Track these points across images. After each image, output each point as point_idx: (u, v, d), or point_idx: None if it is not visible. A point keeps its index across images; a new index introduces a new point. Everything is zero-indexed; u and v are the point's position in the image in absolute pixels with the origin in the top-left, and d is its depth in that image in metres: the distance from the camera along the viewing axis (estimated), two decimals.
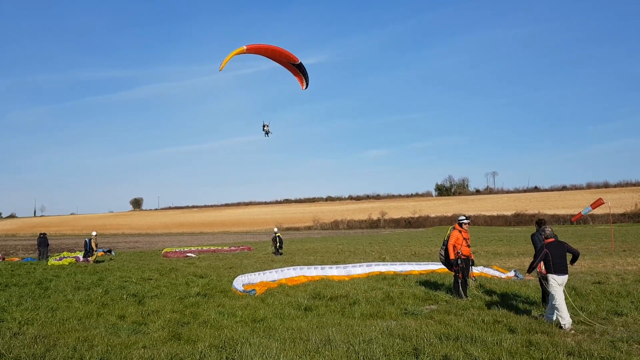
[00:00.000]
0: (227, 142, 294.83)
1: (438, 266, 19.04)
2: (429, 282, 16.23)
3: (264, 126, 21.55)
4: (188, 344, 8.86)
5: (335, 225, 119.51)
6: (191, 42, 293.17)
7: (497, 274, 18.10)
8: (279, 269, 18.13)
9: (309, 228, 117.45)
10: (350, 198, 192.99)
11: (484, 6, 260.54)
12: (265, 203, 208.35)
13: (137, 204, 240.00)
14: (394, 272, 19.07)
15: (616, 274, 18.01)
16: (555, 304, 9.84)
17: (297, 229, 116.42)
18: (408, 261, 23.47)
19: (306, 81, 19.70)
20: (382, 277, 18.02)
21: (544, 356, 7.49)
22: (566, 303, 10.00)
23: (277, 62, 18.88)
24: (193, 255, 32.44)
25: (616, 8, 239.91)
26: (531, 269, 10.54)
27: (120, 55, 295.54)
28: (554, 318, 9.90)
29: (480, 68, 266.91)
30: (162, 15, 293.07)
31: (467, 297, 13.16)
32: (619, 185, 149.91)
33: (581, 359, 7.31)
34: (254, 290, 14.59)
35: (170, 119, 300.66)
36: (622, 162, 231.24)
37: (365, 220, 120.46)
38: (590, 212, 39.89)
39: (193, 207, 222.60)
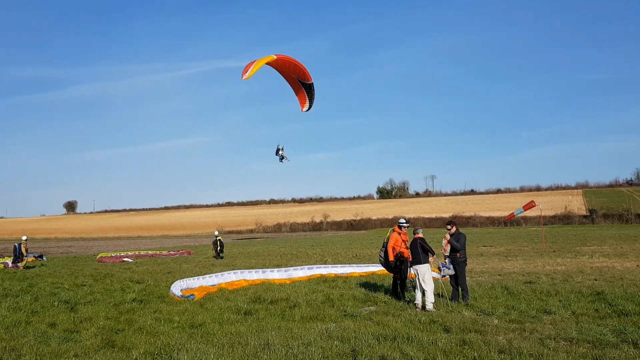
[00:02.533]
0: (167, 144, 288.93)
1: (378, 268, 19.28)
2: (369, 284, 16.43)
3: (277, 150, 20.45)
4: (122, 351, 8.59)
5: (278, 228, 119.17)
6: (129, 41, 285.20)
7: (434, 275, 18.49)
8: (219, 273, 17.88)
9: (251, 231, 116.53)
10: (294, 201, 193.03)
11: (427, 15, 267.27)
12: (207, 206, 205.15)
13: (71, 207, 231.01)
14: (335, 274, 19.20)
15: (546, 273, 18.83)
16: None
17: (239, 232, 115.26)
18: (349, 263, 23.69)
19: (310, 103, 18.16)
20: (323, 279, 18.11)
21: (476, 354, 7.72)
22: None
23: (286, 77, 17.61)
24: (130, 260, 31.50)
25: (550, 20, 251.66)
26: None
27: (54, 53, 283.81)
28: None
29: (421, 75, 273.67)
30: (98, 11, 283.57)
31: (405, 298, 13.42)
32: (550, 188, 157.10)
33: (511, 357, 7.57)
34: (192, 295, 14.32)
35: (106, 119, 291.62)
36: (554, 167, 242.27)
37: (308, 223, 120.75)
38: (523, 214, 41.62)
39: (130, 210, 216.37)
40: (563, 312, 11.09)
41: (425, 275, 12.18)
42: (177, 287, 15.28)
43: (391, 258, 13.59)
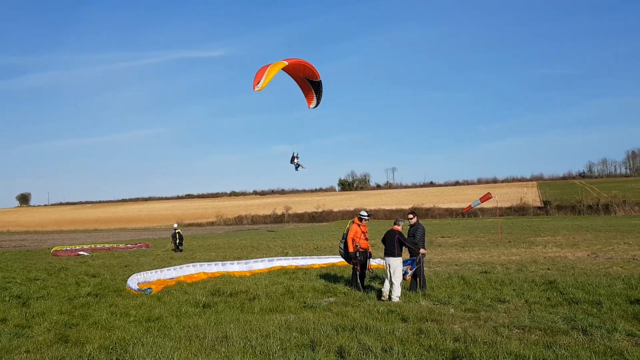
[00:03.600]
0: (125, 135, 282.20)
1: (338, 259, 19.40)
2: (329, 275, 16.52)
3: (293, 158, 19.84)
4: (76, 346, 8.39)
5: (239, 220, 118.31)
6: (83, 29, 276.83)
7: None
8: (178, 267, 17.65)
9: (211, 224, 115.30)
10: (255, 193, 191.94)
11: (389, 6, 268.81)
12: (166, 198, 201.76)
13: (24, 199, 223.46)
14: (296, 266, 19.23)
15: (501, 263, 19.31)
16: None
17: (199, 224, 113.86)
18: (310, 255, 23.75)
19: (317, 101, 18.04)
20: (283, 271, 18.11)
21: (432, 343, 7.86)
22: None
23: (295, 77, 17.30)
24: (86, 254, 30.73)
25: (507, 15, 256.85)
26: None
27: (5, 42, 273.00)
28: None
29: (383, 67, 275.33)
30: None
31: (364, 288, 13.54)
32: (506, 180, 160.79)
33: (466, 345, 7.73)
34: (150, 288, 14.09)
35: (61, 109, 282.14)
36: (510, 160, 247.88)
37: (270, 215, 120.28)
38: (480, 206, 42.51)
39: (87, 203, 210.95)
40: (517, 301, 11.40)
41: (397, 269, 12.17)
42: (134, 281, 15.01)
43: (351, 249, 13.68)
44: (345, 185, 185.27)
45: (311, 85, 17.64)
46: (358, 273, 13.75)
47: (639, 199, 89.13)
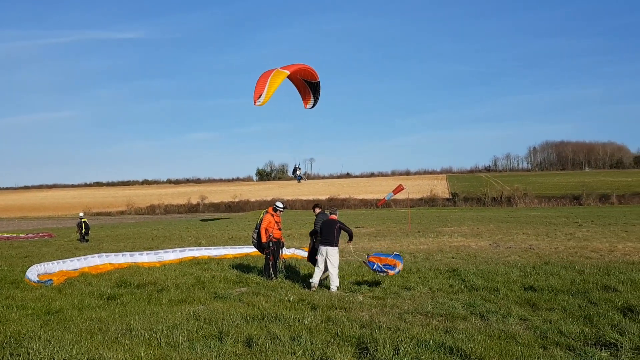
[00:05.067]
0: (29, 117, 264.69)
1: (253, 249, 19.30)
2: (242, 265, 16.42)
3: (295, 170, 18.63)
4: None
5: (151, 209, 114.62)
6: None
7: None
8: (82, 257, 16.84)
9: (122, 213, 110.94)
10: (169, 182, 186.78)
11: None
12: (73, 186, 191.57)
13: None
14: (208, 256, 18.94)
15: (410, 252, 20.03)
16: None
17: (108, 214, 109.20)
18: (224, 245, 23.47)
19: (315, 101, 17.55)
20: (195, 262, 17.78)
21: (339, 330, 8.03)
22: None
23: (293, 79, 16.68)
24: None
25: (425, 13, 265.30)
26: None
27: None
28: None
29: (302, 58, 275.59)
30: None
31: (277, 278, 13.59)
32: (418, 173, 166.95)
33: (371, 331, 7.97)
34: (50, 280, 13.37)
35: None
36: (422, 153, 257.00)
37: (184, 205, 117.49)
38: (393, 197, 43.76)
39: None
40: (421, 288, 11.87)
41: (333, 258, 12.12)
42: (34, 272, 14.17)
43: (264, 239, 13.68)
44: (263, 175, 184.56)
45: (309, 86, 17.33)
46: (271, 263, 13.77)
47: (539, 192, 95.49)
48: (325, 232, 12.33)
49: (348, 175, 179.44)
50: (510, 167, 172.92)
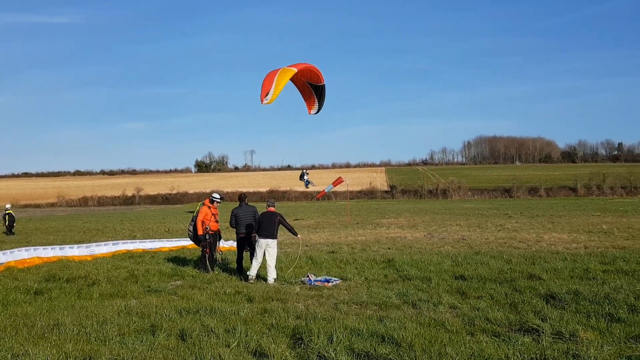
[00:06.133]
0: None
1: (189, 242, 19.00)
2: (178, 258, 16.16)
3: (302, 175, 17.48)
4: None
5: (84, 201, 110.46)
6: None
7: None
8: (8, 251, 16.06)
9: (52, 205, 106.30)
10: (103, 173, 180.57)
11: None
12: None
13: None
14: (143, 249, 18.52)
15: (348, 244, 20.29)
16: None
17: (37, 206, 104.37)
18: (160, 238, 22.97)
19: (319, 106, 16.59)
20: (129, 255, 17.36)
21: (274, 321, 8.06)
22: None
23: (296, 81, 15.76)
24: None
25: (367, 8, 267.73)
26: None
27: None
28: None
29: (242, 48, 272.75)
30: None
31: (213, 271, 13.45)
32: (358, 166, 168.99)
33: (306, 321, 8.04)
34: None
35: None
36: (362, 146, 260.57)
37: (119, 197, 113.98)
38: (333, 190, 44.16)
39: None
40: (357, 279, 12.07)
41: (272, 251, 12.17)
42: None
43: (200, 232, 13.50)
44: (202, 167, 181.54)
45: (313, 89, 16.50)
46: (207, 255, 13.61)
47: (472, 185, 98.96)
48: (265, 225, 12.29)
49: (289, 168, 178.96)
50: (446, 160, 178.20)
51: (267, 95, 13.85)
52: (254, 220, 12.94)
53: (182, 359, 6.53)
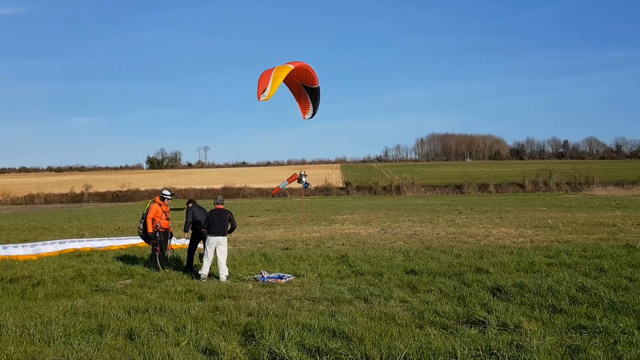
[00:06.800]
0: None
1: (139, 240, 18.61)
2: (128, 257, 15.83)
3: (300, 177, 16.74)
4: None
5: (29, 199, 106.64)
6: None
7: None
8: None
9: None
10: (50, 169, 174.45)
11: None
12: None
13: None
14: (91, 248, 18.04)
15: (302, 240, 20.31)
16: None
17: None
18: (109, 236, 22.41)
19: (314, 110, 16.12)
20: (76, 254, 16.87)
21: (226, 319, 8.00)
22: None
23: (290, 82, 15.27)
24: None
25: (323, 6, 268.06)
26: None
27: None
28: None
29: (198, 43, 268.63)
30: None
31: (164, 269, 13.24)
32: (313, 162, 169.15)
33: (258, 318, 8.02)
34: None
35: None
36: (317, 143, 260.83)
37: (67, 194, 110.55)
38: (288, 186, 44.10)
39: None
40: (311, 275, 12.12)
41: (223, 248, 12.09)
42: None
43: (150, 229, 13.28)
44: (155, 164, 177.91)
45: (307, 92, 16.06)
46: (158, 254, 13.39)
47: (425, 182, 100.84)
48: (215, 223, 12.18)
49: (244, 164, 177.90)
50: (400, 157, 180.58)
51: (264, 92, 13.76)
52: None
53: (130, 359, 6.41)
